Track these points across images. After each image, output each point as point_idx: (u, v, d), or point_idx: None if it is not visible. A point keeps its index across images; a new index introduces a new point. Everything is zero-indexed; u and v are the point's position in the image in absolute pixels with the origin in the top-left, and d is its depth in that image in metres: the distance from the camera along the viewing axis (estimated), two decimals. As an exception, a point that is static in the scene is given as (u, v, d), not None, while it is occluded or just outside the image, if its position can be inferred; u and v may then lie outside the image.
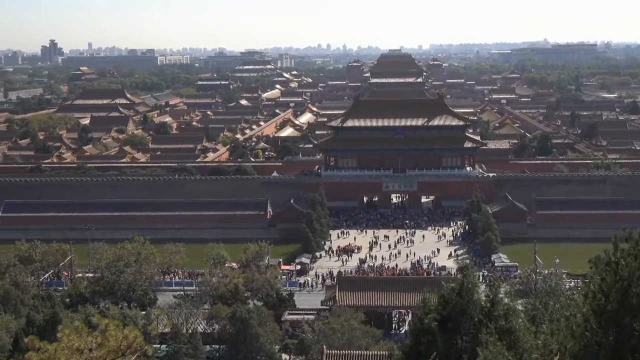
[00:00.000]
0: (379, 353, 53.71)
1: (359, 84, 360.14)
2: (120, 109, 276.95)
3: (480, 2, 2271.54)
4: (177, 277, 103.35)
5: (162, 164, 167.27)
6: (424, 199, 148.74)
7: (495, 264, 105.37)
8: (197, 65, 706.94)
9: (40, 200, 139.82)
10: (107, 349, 16.12)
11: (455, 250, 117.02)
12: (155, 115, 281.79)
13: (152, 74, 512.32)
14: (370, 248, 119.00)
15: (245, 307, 72.55)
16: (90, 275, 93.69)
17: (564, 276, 79.16)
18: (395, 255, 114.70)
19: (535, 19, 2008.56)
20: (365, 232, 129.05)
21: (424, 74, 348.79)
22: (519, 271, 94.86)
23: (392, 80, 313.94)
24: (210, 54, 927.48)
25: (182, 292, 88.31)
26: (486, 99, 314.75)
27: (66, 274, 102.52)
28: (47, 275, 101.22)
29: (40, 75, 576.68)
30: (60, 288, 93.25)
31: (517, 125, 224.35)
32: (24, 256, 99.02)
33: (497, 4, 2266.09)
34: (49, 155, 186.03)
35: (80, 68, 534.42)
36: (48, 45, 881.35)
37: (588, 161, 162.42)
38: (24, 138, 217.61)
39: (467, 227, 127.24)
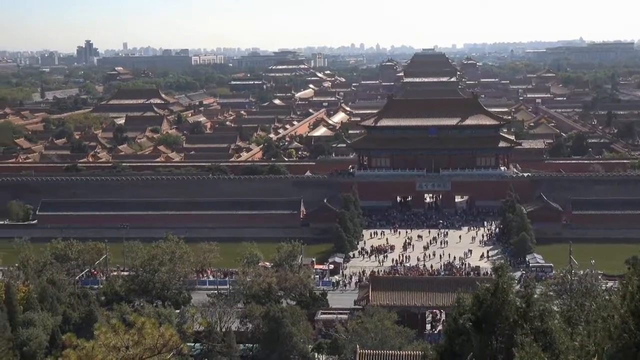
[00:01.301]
0: (412, 353, 53.47)
1: (392, 84, 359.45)
2: (155, 109, 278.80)
3: (515, 1, 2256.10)
4: (210, 276, 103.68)
5: (196, 164, 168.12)
6: (457, 199, 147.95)
7: (530, 265, 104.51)
8: (230, 65, 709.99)
9: (76, 199, 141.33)
10: (143, 347, 16.21)
11: (488, 251, 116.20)
12: (189, 115, 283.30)
13: (186, 74, 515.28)
14: (404, 248, 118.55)
15: (278, 306, 72.66)
16: (125, 273, 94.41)
17: (599, 277, 78.31)
18: (429, 255, 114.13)
19: (571, 17, 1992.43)
20: (399, 232, 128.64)
21: (458, 73, 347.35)
22: (554, 272, 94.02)
23: (426, 79, 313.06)
24: (244, 54, 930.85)
25: (216, 291, 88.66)
26: (521, 98, 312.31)
27: (95, 272, 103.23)
28: (82, 273, 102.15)
29: (76, 75, 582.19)
30: (96, 286, 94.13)
31: (552, 124, 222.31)
32: (60, 254, 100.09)
33: (532, 2, 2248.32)
34: (84, 155, 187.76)
35: (116, 68, 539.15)
36: (84, 46, 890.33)
37: (624, 161, 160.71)
38: (60, 138, 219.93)
39: (501, 227, 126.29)
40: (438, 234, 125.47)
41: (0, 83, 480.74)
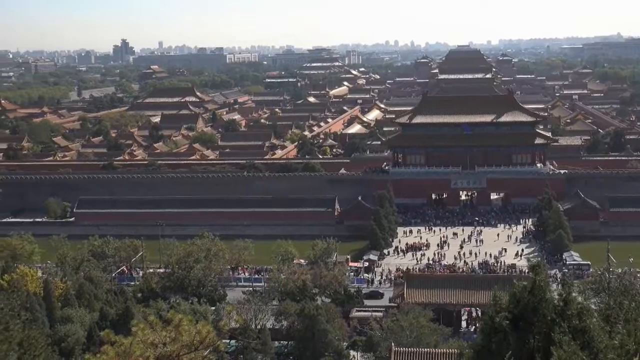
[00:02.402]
0: (447, 351, 53.22)
1: (427, 81, 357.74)
2: (190, 107, 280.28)
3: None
4: (245, 273, 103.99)
5: (231, 161, 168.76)
6: (493, 196, 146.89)
7: (567, 263, 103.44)
8: (265, 63, 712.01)
9: (112, 196, 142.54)
10: (180, 343, 16.28)
11: (525, 248, 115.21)
12: (224, 113, 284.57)
13: (221, 72, 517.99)
14: (439, 246, 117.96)
15: (313, 303, 72.69)
16: (161, 270, 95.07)
17: (638, 275, 77.36)
18: (464, 253, 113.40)
19: (609, 12, 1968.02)
20: (433, 229, 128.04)
21: (493, 69, 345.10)
22: (591, 270, 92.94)
23: (461, 76, 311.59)
24: (278, 52, 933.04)
25: (251, 288, 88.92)
26: (557, 94, 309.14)
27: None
28: (119, 270, 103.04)
29: (112, 74, 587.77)
30: (132, 283, 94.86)
31: (589, 121, 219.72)
32: (97, 251, 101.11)
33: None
34: (120, 153, 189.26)
35: (151, 67, 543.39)
36: (120, 45, 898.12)
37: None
38: (96, 136, 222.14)
39: (537, 225, 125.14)
40: (473, 232, 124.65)
41: (38, 82, 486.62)
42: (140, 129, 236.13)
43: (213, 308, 76.28)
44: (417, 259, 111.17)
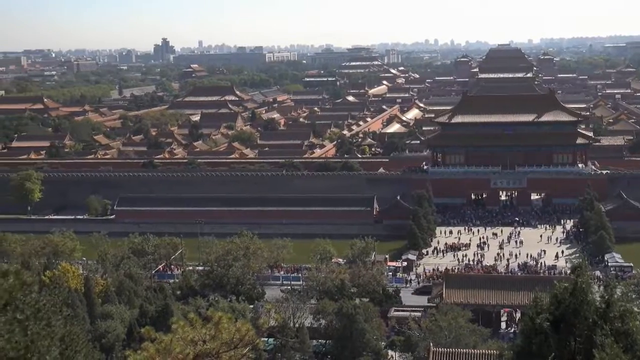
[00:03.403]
0: (487, 352, 52.76)
1: (467, 80, 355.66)
2: (230, 106, 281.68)
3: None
4: (284, 272, 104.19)
5: (270, 160, 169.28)
6: (533, 197, 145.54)
7: (609, 264, 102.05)
8: (304, 62, 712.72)
9: (152, 194, 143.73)
10: (219, 341, 16.33)
11: (565, 250, 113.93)
12: (263, 112, 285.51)
13: (260, 71, 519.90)
14: (479, 246, 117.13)
15: (351, 302, 72.51)
16: (200, 268, 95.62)
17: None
18: (504, 253, 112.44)
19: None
20: (472, 229, 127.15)
21: (534, 68, 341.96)
22: (634, 271, 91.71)
23: (501, 75, 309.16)
24: (317, 51, 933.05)
25: (289, 287, 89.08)
26: (599, 94, 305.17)
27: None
28: (158, 267, 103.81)
29: (152, 73, 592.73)
30: (171, 280, 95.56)
31: (632, 120, 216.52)
32: (137, 249, 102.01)
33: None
34: (160, 151, 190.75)
35: (191, 66, 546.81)
36: (160, 44, 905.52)
37: None
38: (137, 134, 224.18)
39: (578, 226, 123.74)
40: (512, 233, 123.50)
41: (80, 81, 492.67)
42: (180, 127, 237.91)
43: (251, 306, 76.54)
44: (459, 260, 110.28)
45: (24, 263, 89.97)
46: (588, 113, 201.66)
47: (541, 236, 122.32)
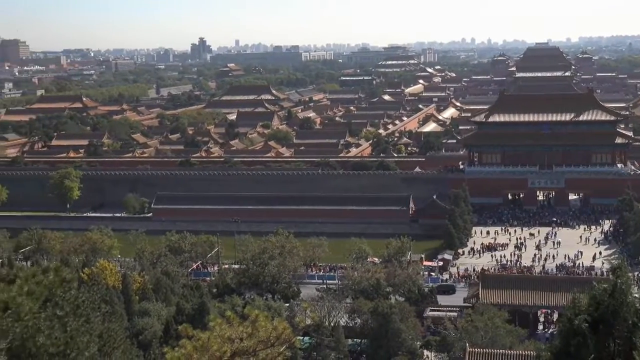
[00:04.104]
0: (524, 353, 52.38)
1: (504, 79, 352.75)
2: (266, 105, 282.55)
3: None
4: (319, 271, 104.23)
5: (306, 159, 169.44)
6: (571, 197, 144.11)
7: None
8: (340, 61, 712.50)
9: (189, 193, 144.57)
10: (256, 339, 16.40)
11: (603, 251, 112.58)
12: (299, 111, 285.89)
13: (296, 70, 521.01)
14: (516, 246, 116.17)
15: (387, 302, 72.41)
16: (236, 266, 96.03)
17: None
18: (541, 254, 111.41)
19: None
20: (509, 229, 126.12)
21: (573, 67, 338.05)
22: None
23: (539, 74, 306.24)
24: (353, 50, 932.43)
25: (325, 286, 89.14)
26: (639, 92, 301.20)
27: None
28: (195, 265, 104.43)
29: (189, 72, 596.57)
30: (208, 279, 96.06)
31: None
32: (174, 247, 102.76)
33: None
34: (197, 150, 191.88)
35: (228, 65, 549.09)
36: (197, 43, 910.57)
37: None
38: (174, 133, 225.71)
39: (617, 226, 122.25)
40: (550, 233, 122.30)
41: (118, 80, 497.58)
42: (216, 126, 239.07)
43: (287, 305, 76.68)
44: (497, 260, 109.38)
45: (63, 260, 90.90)
46: (627, 112, 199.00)
47: (581, 237, 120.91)
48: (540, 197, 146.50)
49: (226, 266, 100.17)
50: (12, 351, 16.01)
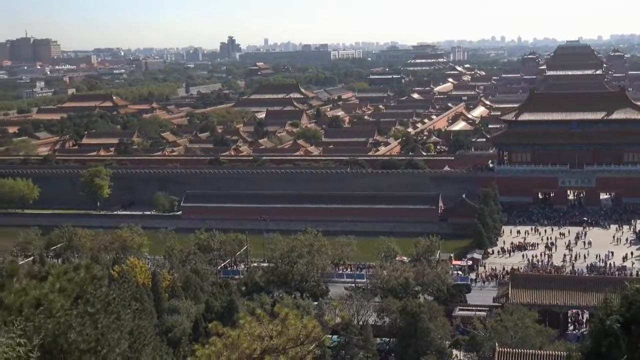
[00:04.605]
0: (554, 353, 51.99)
1: (534, 77, 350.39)
2: (295, 103, 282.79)
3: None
4: (348, 269, 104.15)
5: (334, 157, 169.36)
6: (602, 196, 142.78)
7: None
8: (369, 59, 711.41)
9: (218, 191, 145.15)
10: (286, 337, 16.39)
11: (635, 250, 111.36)
12: (328, 109, 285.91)
13: (325, 69, 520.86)
14: (546, 246, 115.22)
15: (415, 301, 72.24)
16: (265, 265, 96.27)
17: None
18: (572, 254, 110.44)
19: None
20: (539, 229, 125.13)
21: (604, 65, 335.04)
22: None
23: (570, 72, 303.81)
24: (382, 48, 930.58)
25: (353, 284, 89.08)
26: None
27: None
28: (224, 263, 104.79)
29: (219, 71, 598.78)
30: (237, 277, 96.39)
31: None
32: (203, 245, 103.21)
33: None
34: (226, 148, 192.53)
35: (257, 64, 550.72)
36: (226, 42, 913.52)
37: None
38: (203, 131, 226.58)
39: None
40: (580, 233, 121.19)
41: (148, 79, 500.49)
42: (245, 125, 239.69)
43: (315, 303, 76.73)
44: (529, 260, 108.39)
45: (93, 258, 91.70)
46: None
47: (613, 237, 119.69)
48: (571, 197, 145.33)
49: (255, 264, 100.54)
50: (44, 347, 16.15)
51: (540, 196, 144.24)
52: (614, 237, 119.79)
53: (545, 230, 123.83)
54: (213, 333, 16.91)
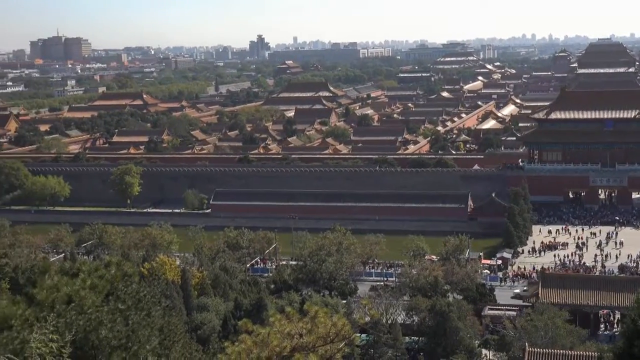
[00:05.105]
0: (585, 354, 51.56)
1: (565, 75, 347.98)
2: (324, 102, 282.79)
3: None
4: (376, 268, 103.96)
5: (363, 156, 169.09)
6: (634, 195, 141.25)
7: None
8: (398, 57, 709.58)
9: (247, 189, 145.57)
10: (316, 335, 16.39)
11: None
12: (357, 108, 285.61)
13: (354, 67, 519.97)
14: (577, 246, 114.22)
15: (445, 300, 72.00)
16: (293, 263, 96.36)
17: None
18: (603, 254, 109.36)
19: None
20: (570, 228, 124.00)
21: (636, 63, 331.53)
22: None
23: (601, 70, 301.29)
24: (411, 46, 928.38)
25: (382, 283, 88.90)
26: None
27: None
28: (253, 261, 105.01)
29: (248, 69, 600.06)
30: (265, 275, 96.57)
31: None
32: (232, 242, 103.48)
33: None
34: (255, 147, 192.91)
35: (286, 62, 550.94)
36: (256, 41, 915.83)
37: None
38: (232, 130, 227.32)
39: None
40: (612, 232, 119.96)
41: (178, 77, 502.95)
42: (274, 123, 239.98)
43: (344, 301, 76.66)
44: (561, 259, 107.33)
45: (123, 255, 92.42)
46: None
47: (634, 235, 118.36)
48: (602, 196, 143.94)
49: (283, 262, 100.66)
50: (75, 343, 16.28)
51: (571, 195, 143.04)
52: (634, 235, 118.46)
53: (576, 230, 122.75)
54: (243, 331, 16.96)
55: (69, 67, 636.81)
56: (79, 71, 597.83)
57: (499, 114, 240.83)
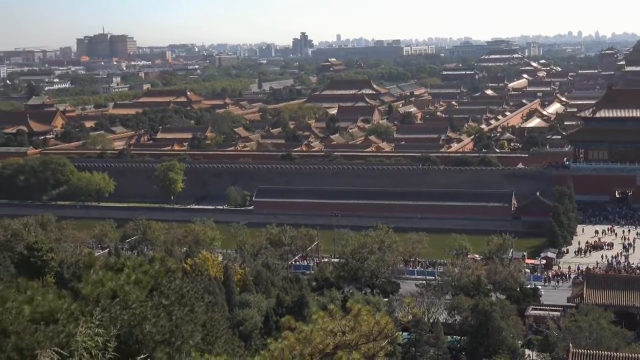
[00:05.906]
0: (631, 355, 50.83)
1: (612, 73, 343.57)
2: (366, 99, 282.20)
3: None
4: (419, 266, 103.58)
5: (406, 154, 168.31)
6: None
7: None
8: (442, 55, 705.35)
9: (289, 186, 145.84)
10: (358, 333, 16.35)
11: None
12: (400, 106, 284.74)
13: (397, 65, 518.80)
14: (623, 246, 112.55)
15: (487, 299, 71.51)
16: (335, 260, 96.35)
17: None
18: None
19: None
20: (616, 229, 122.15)
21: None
22: None
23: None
24: (455, 44, 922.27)
25: (424, 282, 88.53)
26: None
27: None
28: (295, 258, 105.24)
29: (291, 67, 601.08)
30: (307, 272, 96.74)
31: None
32: (274, 239, 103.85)
33: None
34: (298, 144, 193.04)
35: (329, 59, 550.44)
36: (299, 38, 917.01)
37: None
38: (275, 127, 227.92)
39: None
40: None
41: (222, 75, 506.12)
42: (317, 120, 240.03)
43: (385, 300, 76.51)
44: (608, 260, 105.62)
45: (167, 250, 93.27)
46: None
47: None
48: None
49: (325, 260, 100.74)
50: (120, 338, 16.44)
51: (617, 195, 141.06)
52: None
53: (623, 230, 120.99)
54: (285, 327, 16.97)
55: (114, 64, 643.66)
56: (124, 68, 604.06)
57: (544, 112, 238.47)
